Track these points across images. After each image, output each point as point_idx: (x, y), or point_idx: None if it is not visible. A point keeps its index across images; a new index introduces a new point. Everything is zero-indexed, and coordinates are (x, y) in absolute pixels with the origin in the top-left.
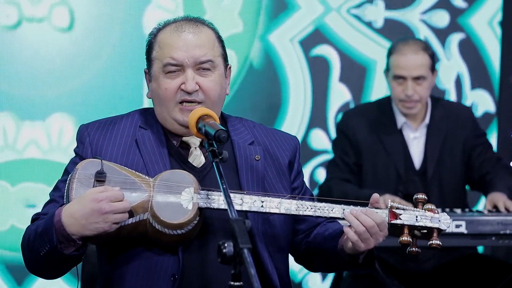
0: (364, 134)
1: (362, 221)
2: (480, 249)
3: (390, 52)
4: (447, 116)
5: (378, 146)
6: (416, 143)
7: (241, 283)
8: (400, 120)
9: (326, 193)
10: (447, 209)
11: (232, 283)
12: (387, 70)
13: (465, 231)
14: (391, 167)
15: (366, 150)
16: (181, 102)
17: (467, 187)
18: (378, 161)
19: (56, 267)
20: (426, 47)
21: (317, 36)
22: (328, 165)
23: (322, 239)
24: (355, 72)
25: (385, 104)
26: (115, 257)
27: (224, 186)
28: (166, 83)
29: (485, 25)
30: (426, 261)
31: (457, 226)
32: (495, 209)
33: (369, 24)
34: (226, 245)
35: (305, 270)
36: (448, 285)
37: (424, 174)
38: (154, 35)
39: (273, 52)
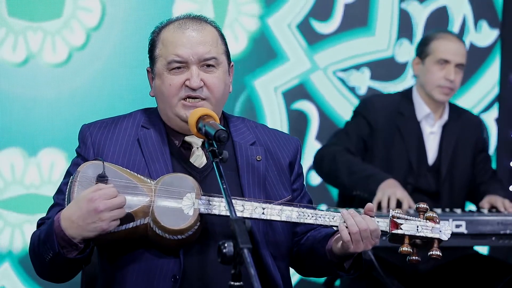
0: (384, 121)
1: (357, 222)
2: (479, 248)
3: (429, 39)
4: (460, 119)
5: (395, 134)
6: (432, 138)
7: (241, 283)
8: (423, 111)
9: (327, 158)
10: (447, 209)
11: (232, 283)
12: (422, 56)
13: (465, 231)
14: (404, 157)
15: (383, 136)
16: (185, 98)
17: None
18: (393, 149)
19: (63, 272)
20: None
21: (301, 91)
22: (335, 133)
23: (313, 240)
24: (332, 133)
25: (407, 95)
26: (116, 258)
27: (224, 186)
28: (170, 80)
29: None
30: (426, 261)
31: (457, 226)
32: (495, 210)
33: (352, 89)
34: (226, 245)
35: None
36: (448, 285)
37: (436, 171)
38: (156, 33)
39: (256, 97)
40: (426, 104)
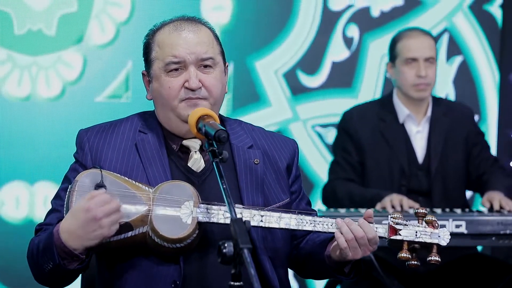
0: (366, 131)
1: (352, 230)
2: (480, 249)
3: (396, 41)
4: (448, 113)
5: (381, 142)
6: (419, 137)
7: (241, 283)
8: (403, 113)
9: (331, 194)
10: (447, 209)
11: (232, 283)
12: (392, 59)
13: (465, 231)
14: (395, 161)
15: (369, 147)
16: (185, 100)
17: None
18: (381, 157)
19: (62, 280)
20: (429, 33)
21: None
22: (330, 165)
23: (312, 244)
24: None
25: (386, 100)
26: (115, 264)
27: (224, 186)
28: (169, 82)
29: None
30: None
31: (457, 226)
32: (491, 208)
33: (328, 146)
34: (226, 245)
35: None
36: (448, 285)
37: (427, 169)
38: (151, 36)
39: None
40: (405, 105)
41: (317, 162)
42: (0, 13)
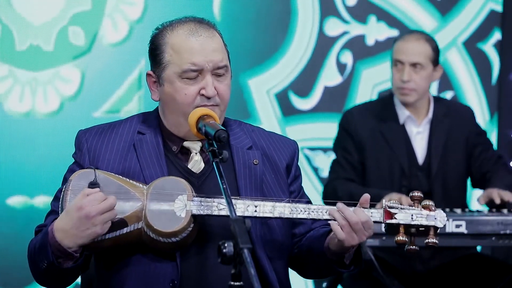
0: (367, 130)
1: (346, 216)
2: (480, 249)
3: (395, 41)
4: (449, 113)
5: (381, 142)
6: (419, 138)
7: (241, 283)
8: (403, 114)
9: (331, 194)
10: (447, 209)
11: (232, 283)
12: (391, 59)
13: (465, 231)
14: (395, 162)
15: (369, 146)
16: (200, 106)
17: (468, 184)
18: (382, 157)
19: (59, 280)
20: (430, 38)
21: None
22: (331, 165)
23: (311, 239)
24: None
25: (387, 100)
26: (112, 263)
27: (224, 186)
28: (184, 89)
29: None
30: (426, 261)
31: (457, 226)
32: (490, 204)
33: (315, 170)
34: (226, 245)
35: None
36: (448, 285)
37: (427, 170)
38: (161, 37)
39: None
40: (405, 107)
41: (304, 185)
42: (2, 29)
